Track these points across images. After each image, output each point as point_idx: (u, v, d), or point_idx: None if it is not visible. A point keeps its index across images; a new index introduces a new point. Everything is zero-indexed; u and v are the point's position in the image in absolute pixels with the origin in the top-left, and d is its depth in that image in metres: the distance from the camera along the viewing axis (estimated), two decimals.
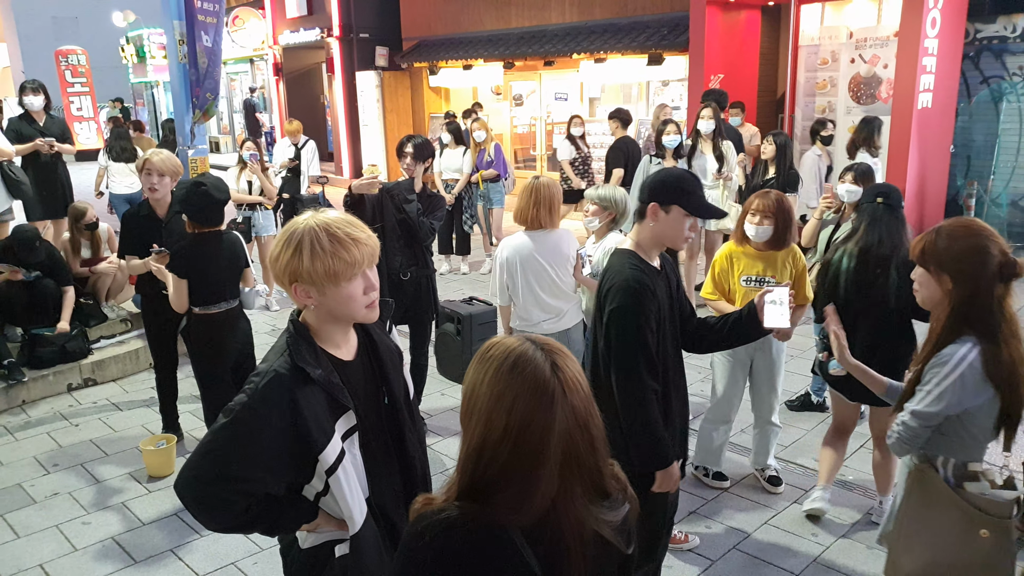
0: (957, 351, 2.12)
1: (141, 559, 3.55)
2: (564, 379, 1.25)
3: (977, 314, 2.11)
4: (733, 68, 10.16)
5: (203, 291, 3.84)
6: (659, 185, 2.48)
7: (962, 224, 2.19)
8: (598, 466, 1.29)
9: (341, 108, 15.30)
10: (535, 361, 1.25)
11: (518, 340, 1.30)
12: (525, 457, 1.23)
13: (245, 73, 20.00)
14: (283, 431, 1.67)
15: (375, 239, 1.75)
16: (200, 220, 3.80)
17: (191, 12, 4.67)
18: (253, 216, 7.09)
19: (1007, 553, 2.08)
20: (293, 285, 1.71)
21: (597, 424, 1.29)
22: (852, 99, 8.98)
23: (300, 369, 1.69)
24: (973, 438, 2.19)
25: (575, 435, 1.25)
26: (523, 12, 12.75)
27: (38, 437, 4.80)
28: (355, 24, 14.67)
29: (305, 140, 8.72)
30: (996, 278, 2.09)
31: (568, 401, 1.24)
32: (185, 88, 4.90)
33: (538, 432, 1.22)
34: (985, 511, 2.09)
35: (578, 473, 1.26)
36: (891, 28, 8.47)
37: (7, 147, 5.91)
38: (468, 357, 5.65)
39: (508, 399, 1.23)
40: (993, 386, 2.10)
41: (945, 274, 2.14)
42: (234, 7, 17.37)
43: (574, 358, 1.31)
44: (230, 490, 1.70)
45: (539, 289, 3.90)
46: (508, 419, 1.23)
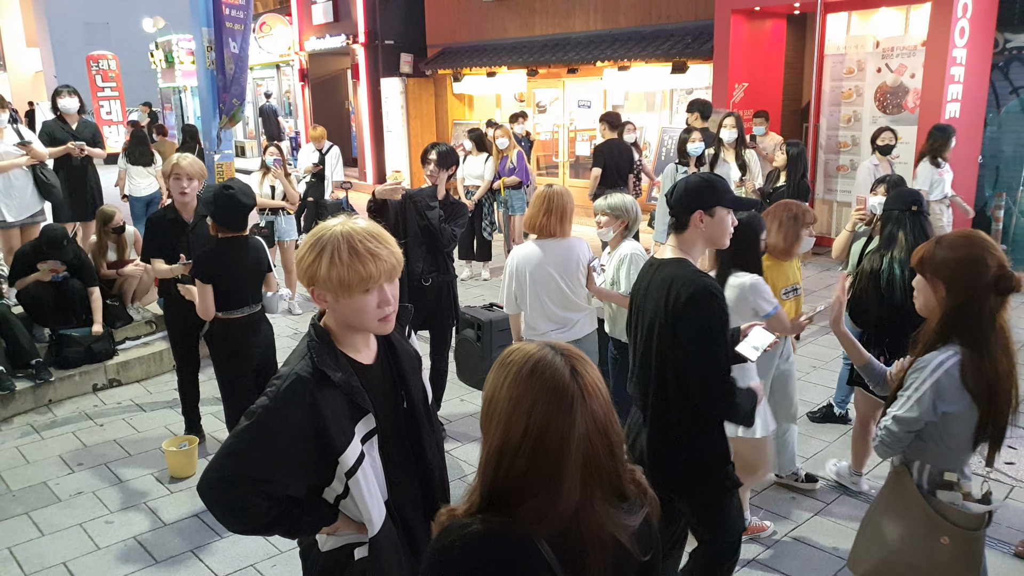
0: (936, 358, 2.16)
1: (162, 559, 3.59)
2: (584, 384, 1.25)
3: (966, 324, 2.13)
4: (758, 77, 10.11)
5: (227, 296, 3.85)
6: (696, 192, 2.52)
7: (963, 235, 2.22)
8: (617, 470, 1.29)
9: (365, 114, 15.42)
10: (554, 366, 1.25)
11: (538, 346, 1.31)
12: (545, 462, 1.23)
13: (272, 79, 20.23)
14: (304, 433, 1.69)
15: (398, 255, 1.76)
16: (226, 224, 3.82)
17: (219, 19, 4.74)
18: (276, 221, 7.16)
19: (967, 564, 2.12)
20: (311, 288, 1.75)
21: (616, 430, 1.29)
22: (878, 109, 8.89)
23: (321, 372, 1.71)
24: (949, 447, 2.21)
25: (595, 440, 1.24)
26: (547, 20, 12.78)
27: (63, 436, 4.88)
28: (380, 31, 14.80)
29: (329, 146, 8.81)
30: (989, 290, 2.11)
31: (587, 406, 1.24)
32: (212, 93, 4.96)
33: (557, 436, 1.22)
34: (949, 520, 2.13)
35: (598, 478, 1.26)
36: (919, 37, 8.38)
37: (42, 150, 6.02)
38: (488, 363, 5.65)
39: (527, 403, 1.24)
40: (970, 395, 2.12)
41: (940, 282, 2.17)
42: (261, 13, 17.59)
43: (593, 364, 1.32)
44: (252, 491, 1.72)
45: (546, 299, 3.84)
46: (527, 423, 1.23)
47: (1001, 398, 2.12)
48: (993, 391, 2.11)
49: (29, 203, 5.96)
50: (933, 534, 2.14)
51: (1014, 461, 4.29)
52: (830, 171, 9.44)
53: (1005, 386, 2.12)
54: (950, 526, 2.12)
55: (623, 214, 4.00)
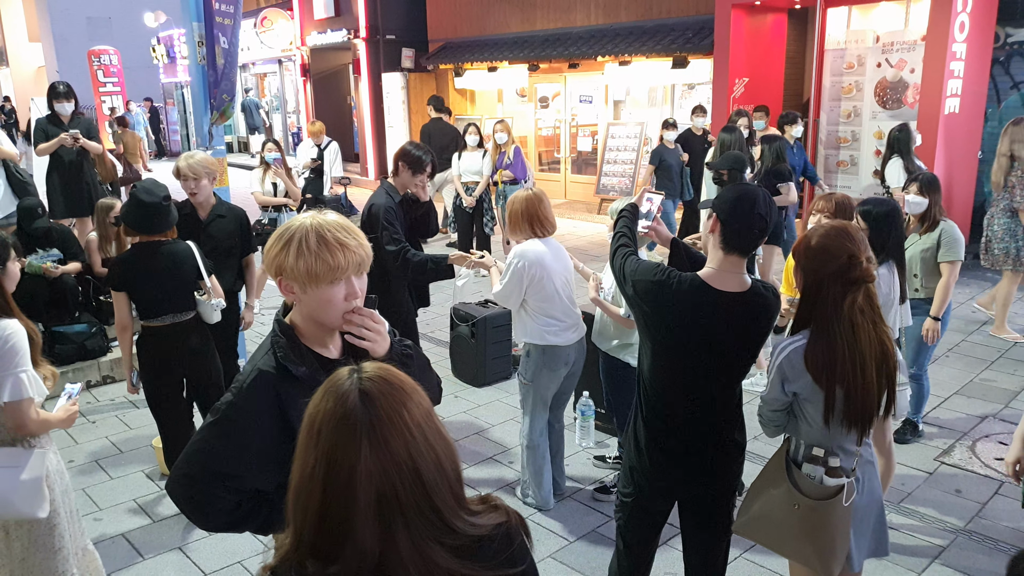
0: (783, 343, 2.40)
1: (149, 556, 3.60)
2: (375, 413, 1.12)
3: (814, 309, 2.32)
4: (758, 72, 10.07)
5: (146, 303, 3.66)
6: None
7: (829, 226, 2.39)
8: (434, 504, 1.13)
9: (367, 109, 15.41)
10: (339, 391, 1.15)
11: (347, 370, 1.20)
12: (337, 499, 1.10)
13: (274, 74, 20.22)
14: (268, 427, 1.71)
15: (367, 248, 1.75)
16: (134, 227, 3.63)
17: (209, 13, 4.72)
18: (279, 218, 7.16)
19: (814, 528, 2.37)
20: (278, 278, 1.74)
21: (432, 459, 1.13)
22: (878, 104, 8.84)
23: (284, 367, 1.72)
24: (810, 424, 2.41)
25: (392, 475, 1.10)
26: (548, 14, 12.74)
27: (55, 433, 4.87)
28: (382, 26, 14.77)
29: (328, 141, 8.79)
30: (835, 278, 2.26)
31: (377, 436, 1.10)
32: (204, 89, 4.95)
33: (343, 470, 1.10)
34: (801, 490, 2.40)
35: (401, 517, 1.11)
36: (918, 32, 8.32)
37: (10, 149, 6.00)
38: (483, 359, 5.66)
39: (315, 430, 1.14)
40: (811, 376, 2.31)
41: (799, 268, 2.38)
42: (263, 8, 17.58)
43: (411, 393, 1.18)
44: (219, 487, 1.73)
45: (563, 293, 3.75)
46: (316, 453, 1.12)
47: (840, 381, 2.28)
48: (831, 374, 2.28)
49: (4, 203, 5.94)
50: (789, 500, 2.42)
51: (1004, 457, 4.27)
52: (830, 166, 9.40)
53: (844, 370, 2.26)
54: (800, 495, 2.39)
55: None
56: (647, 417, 2.57)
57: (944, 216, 4.28)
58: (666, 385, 2.51)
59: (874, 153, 8.92)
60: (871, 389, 2.30)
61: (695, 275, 2.41)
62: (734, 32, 9.64)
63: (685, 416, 2.51)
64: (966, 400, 5.11)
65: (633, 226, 2.79)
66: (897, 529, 3.64)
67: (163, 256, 3.64)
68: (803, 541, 2.42)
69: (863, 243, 2.33)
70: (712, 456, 2.54)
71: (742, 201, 2.34)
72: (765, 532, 2.54)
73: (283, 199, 7.17)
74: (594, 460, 4.42)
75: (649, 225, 2.83)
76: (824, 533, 2.38)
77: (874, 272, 2.32)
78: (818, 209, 3.68)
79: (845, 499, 2.36)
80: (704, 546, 2.69)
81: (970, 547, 3.55)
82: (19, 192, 5.98)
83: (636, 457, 2.62)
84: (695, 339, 2.41)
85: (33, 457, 2.56)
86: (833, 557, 2.40)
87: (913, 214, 4.30)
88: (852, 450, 2.43)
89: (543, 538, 3.69)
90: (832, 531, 2.38)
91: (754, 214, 2.32)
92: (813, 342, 2.31)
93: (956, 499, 3.95)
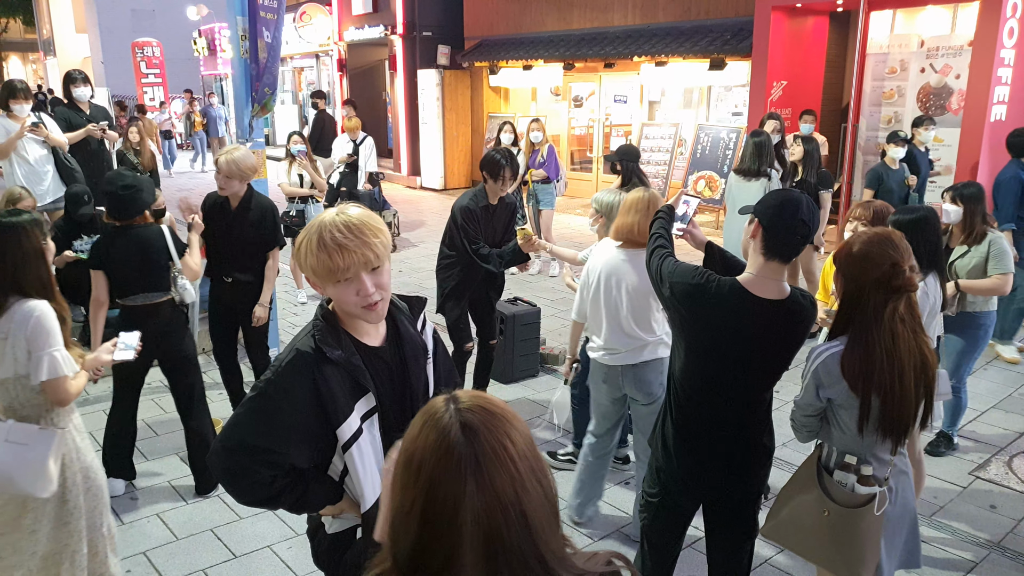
0: (819, 347, 2.39)
1: (183, 536, 3.68)
2: (480, 447, 1.03)
3: (855, 315, 2.30)
4: (797, 75, 9.95)
5: (118, 283, 3.85)
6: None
7: (872, 233, 2.37)
8: (539, 554, 1.03)
9: (402, 105, 15.51)
10: (440, 424, 1.06)
11: (443, 399, 1.11)
12: (438, 534, 1.02)
13: (311, 68, 20.45)
14: (304, 405, 1.77)
15: (374, 245, 1.74)
16: (108, 212, 3.87)
17: (254, 8, 4.80)
18: (306, 209, 7.25)
19: (843, 535, 2.36)
20: (304, 275, 1.83)
21: (540, 503, 1.04)
22: (920, 110, 8.69)
23: (321, 350, 1.78)
24: (844, 432, 2.40)
25: (495, 516, 1.01)
26: (585, 13, 12.71)
27: (94, 415, 5.00)
28: (419, 22, 14.85)
29: (363, 136, 8.87)
30: (877, 286, 2.24)
31: (484, 474, 1.01)
32: (246, 82, 5.03)
33: (448, 506, 1.01)
34: (832, 496, 2.39)
35: (505, 563, 1.02)
36: (965, 37, 8.17)
37: (61, 138, 6.13)
38: (511, 357, 5.68)
39: (415, 463, 1.05)
40: (847, 383, 2.29)
41: (839, 274, 2.38)
42: (302, 3, 17.77)
43: (514, 424, 1.08)
44: (255, 460, 1.79)
45: (627, 313, 3.43)
46: (415, 486, 1.04)
47: (877, 389, 2.25)
48: (868, 381, 2.25)
49: (53, 188, 6.08)
50: (819, 506, 2.41)
51: None
52: None
53: (882, 378, 2.24)
54: (831, 502, 2.38)
55: (601, 208, 3.88)
56: (676, 419, 2.57)
57: (992, 227, 4.20)
58: (697, 388, 2.50)
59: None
60: (908, 398, 2.27)
61: (734, 280, 2.39)
62: (773, 34, 9.53)
63: (715, 419, 2.50)
64: (1004, 415, 5.01)
65: (669, 227, 2.78)
66: (929, 542, 3.59)
67: (132, 239, 3.84)
68: (832, 548, 2.41)
69: (907, 251, 2.29)
70: (740, 460, 2.52)
71: (785, 207, 2.31)
72: (794, 537, 2.53)
73: (309, 190, 7.25)
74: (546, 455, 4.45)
75: (684, 228, 2.82)
76: (854, 541, 2.36)
77: (917, 281, 2.29)
78: (855, 216, 3.63)
79: (877, 508, 2.33)
80: (728, 548, 2.69)
81: (1003, 564, 3.49)
82: (67, 179, 6.11)
83: (664, 458, 2.61)
84: (730, 344, 2.39)
85: (44, 437, 2.63)
86: (862, 566, 2.38)
87: (952, 224, 4.23)
88: (886, 459, 2.41)
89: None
90: (862, 540, 2.36)
91: (797, 220, 2.29)
92: (850, 348, 2.29)
93: (990, 515, 3.88)
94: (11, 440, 2.58)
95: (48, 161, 6.07)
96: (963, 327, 4.18)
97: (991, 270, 4.09)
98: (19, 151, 5.88)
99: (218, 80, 23.16)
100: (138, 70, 19.71)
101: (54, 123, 6.11)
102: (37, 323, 2.61)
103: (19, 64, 45.84)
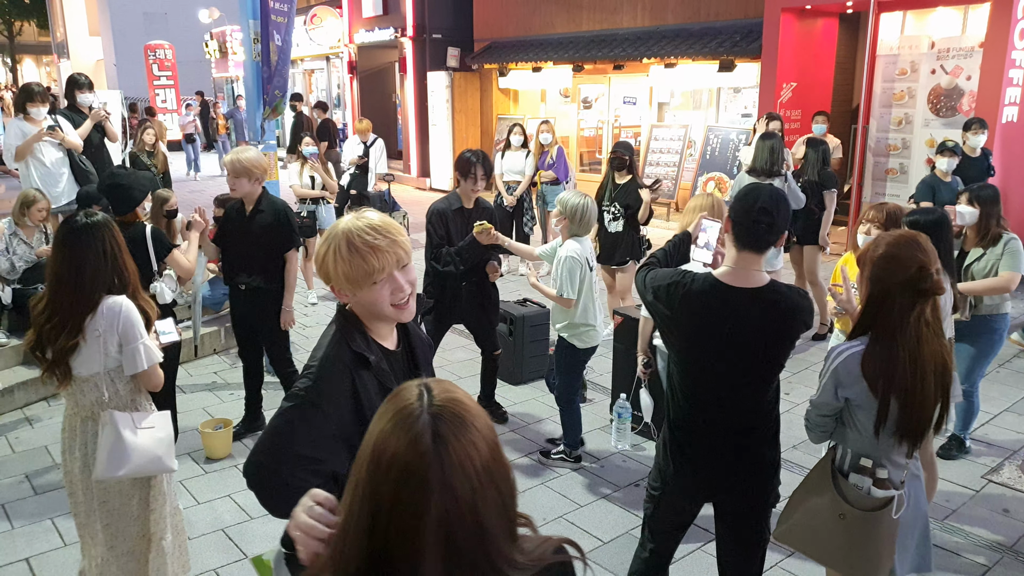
0: (839, 347, 2.37)
1: (193, 536, 3.70)
2: (447, 454, 1.04)
3: (881, 318, 2.28)
4: (807, 76, 9.92)
5: None
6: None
7: (898, 235, 2.36)
8: (487, 553, 1.06)
9: (411, 107, 15.55)
10: (414, 427, 1.06)
11: (416, 390, 1.11)
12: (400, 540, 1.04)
13: (321, 70, 20.53)
14: (342, 411, 1.74)
15: (402, 242, 1.77)
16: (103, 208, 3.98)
17: (265, 11, 4.83)
18: (316, 210, 7.28)
19: (867, 537, 2.34)
20: (329, 284, 1.80)
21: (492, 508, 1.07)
22: (931, 111, 8.65)
23: (357, 354, 1.77)
24: (861, 433, 2.38)
25: (455, 523, 1.03)
26: (594, 15, 12.71)
27: None
28: (429, 25, 14.89)
29: (374, 138, 8.91)
30: (904, 288, 2.23)
31: (447, 481, 1.03)
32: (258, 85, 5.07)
33: (409, 512, 1.03)
34: (848, 499, 2.36)
35: (457, 566, 1.05)
36: (976, 38, 8.13)
37: (76, 141, 6.18)
38: (520, 358, 5.68)
39: (383, 463, 1.06)
40: (867, 383, 2.27)
41: (864, 275, 2.36)
42: (313, 5, 17.85)
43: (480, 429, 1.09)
44: (300, 468, 1.73)
45: None
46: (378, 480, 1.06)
47: (898, 392, 2.23)
48: (888, 382, 2.23)
49: (68, 190, 6.13)
50: (833, 509, 2.38)
51: None
52: (878, 174, 9.23)
53: (903, 381, 2.22)
54: (847, 505, 2.36)
55: (565, 211, 4.11)
56: (672, 421, 2.60)
57: (1007, 229, 4.17)
58: (690, 390, 2.52)
59: (925, 161, 8.74)
60: (928, 402, 2.26)
61: (709, 273, 2.44)
62: (783, 36, 9.51)
63: (706, 421, 2.50)
64: (1017, 418, 4.98)
65: (675, 252, 2.76)
66: (941, 546, 3.57)
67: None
68: (847, 551, 2.39)
69: (934, 254, 2.27)
70: (734, 464, 2.50)
71: (747, 198, 2.38)
72: (806, 541, 2.52)
73: (320, 192, 7.29)
74: (540, 456, 4.52)
75: (712, 254, 2.74)
76: (870, 545, 2.35)
77: (944, 285, 2.27)
78: (868, 219, 3.60)
79: (895, 511, 2.32)
80: (737, 554, 2.68)
81: (1016, 568, 3.47)
82: (81, 181, 6.16)
83: (663, 458, 2.65)
84: (711, 338, 2.40)
85: (163, 417, 2.89)
86: (876, 570, 2.37)
87: (966, 226, 4.20)
88: (901, 462, 2.40)
89: (577, 538, 3.70)
90: (878, 543, 2.35)
91: (756, 209, 2.33)
92: (871, 349, 2.28)
93: (1003, 518, 3.86)
94: (141, 427, 2.76)
95: (64, 164, 6.12)
96: (976, 331, 4.16)
97: (1003, 267, 4.04)
98: (35, 154, 5.94)
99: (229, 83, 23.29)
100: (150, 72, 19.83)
101: (70, 126, 6.16)
102: (126, 317, 2.70)
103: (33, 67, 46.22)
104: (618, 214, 6.03)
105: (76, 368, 2.70)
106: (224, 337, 6.30)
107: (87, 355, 2.69)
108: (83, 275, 2.66)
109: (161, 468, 2.84)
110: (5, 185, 10.67)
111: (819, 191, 6.23)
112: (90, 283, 2.67)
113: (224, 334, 6.29)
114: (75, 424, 2.79)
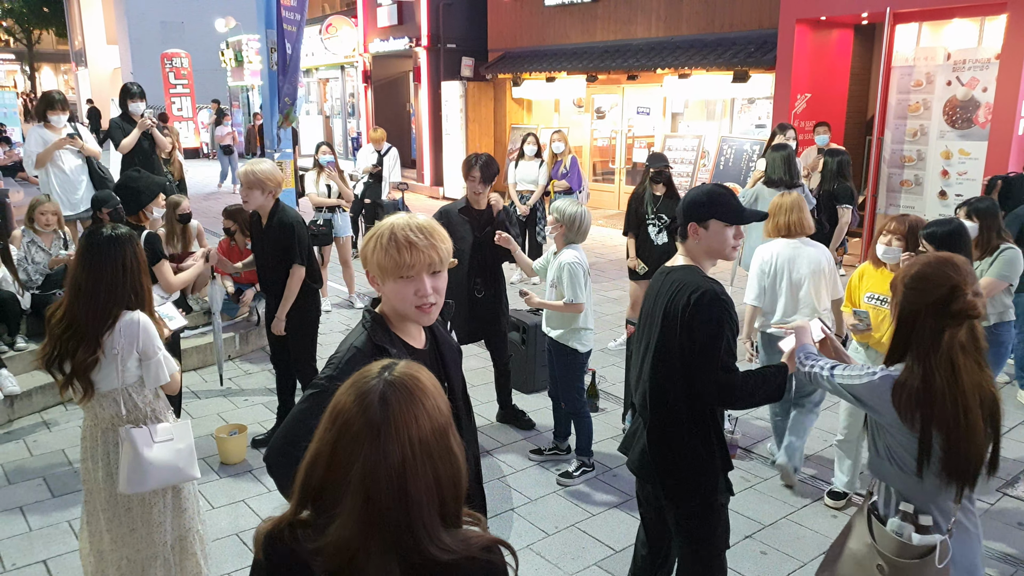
0: (875, 368, 2.20)
1: (209, 540, 3.71)
2: (388, 418, 1.17)
3: (912, 342, 2.13)
4: (821, 87, 9.91)
5: None
6: (691, 204, 2.58)
7: (934, 256, 2.23)
8: (410, 524, 1.15)
9: (425, 117, 15.64)
10: (366, 386, 1.21)
11: (383, 363, 1.27)
12: (334, 485, 1.18)
13: (336, 79, 20.68)
14: None
15: (440, 248, 1.83)
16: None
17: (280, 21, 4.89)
18: (332, 218, 7.33)
19: None
20: (367, 269, 1.88)
21: (425, 485, 1.16)
22: (947, 123, 8.62)
23: (379, 347, 1.81)
24: (899, 469, 2.16)
25: (382, 483, 1.15)
26: (608, 26, 12.76)
27: None
28: (443, 35, 14.99)
29: (388, 147, 8.97)
30: (935, 309, 2.07)
31: (380, 443, 1.15)
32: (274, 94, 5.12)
33: (348, 457, 1.17)
34: (887, 550, 2.12)
35: (379, 528, 1.16)
36: (993, 50, 8.10)
37: (95, 148, 6.29)
38: (533, 366, 5.68)
39: (334, 415, 1.22)
40: (896, 411, 2.09)
41: (895, 297, 2.22)
42: (328, 15, 17.99)
43: (427, 408, 1.21)
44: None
45: (801, 298, 4.04)
46: (328, 436, 1.20)
47: (940, 425, 2.03)
48: (927, 416, 2.04)
49: (87, 197, 6.21)
50: (871, 558, 2.16)
51: None
52: (893, 186, 9.19)
53: (943, 413, 2.02)
54: (886, 555, 2.12)
55: (563, 219, 4.17)
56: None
57: (1009, 241, 4.14)
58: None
59: (940, 174, 8.70)
60: (976, 437, 2.04)
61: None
62: (798, 47, 9.52)
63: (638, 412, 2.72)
64: None
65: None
66: None
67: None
68: None
69: (971, 275, 2.11)
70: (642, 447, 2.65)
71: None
72: None
73: (336, 200, 7.34)
74: (530, 454, 4.58)
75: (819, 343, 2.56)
76: None
77: (981, 308, 2.08)
78: (890, 230, 3.58)
79: (939, 560, 2.08)
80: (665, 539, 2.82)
81: None
82: (99, 188, 6.24)
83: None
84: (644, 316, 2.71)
85: (182, 427, 2.94)
86: None
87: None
88: (947, 508, 2.16)
89: (588, 546, 3.70)
90: None
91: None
92: (905, 376, 2.11)
93: (1018, 532, 3.83)
94: (160, 440, 2.80)
95: (83, 171, 6.21)
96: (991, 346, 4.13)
97: (987, 273, 4.00)
98: (55, 161, 6.03)
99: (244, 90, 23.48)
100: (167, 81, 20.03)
101: (89, 134, 6.25)
102: (144, 332, 2.75)
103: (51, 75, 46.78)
104: (662, 226, 5.98)
105: (97, 383, 2.74)
106: (239, 343, 6.34)
107: (106, 371, 2.73)
108: (100, 286, 2.70)
109: (183, 478, 2.89)
110: (24, 192, 10.80)
111: (831, 203, 6.20)
112: (106, 295, 2.70)
113: (238, 340, 6.34)
114: (96, 435, 2.83)
